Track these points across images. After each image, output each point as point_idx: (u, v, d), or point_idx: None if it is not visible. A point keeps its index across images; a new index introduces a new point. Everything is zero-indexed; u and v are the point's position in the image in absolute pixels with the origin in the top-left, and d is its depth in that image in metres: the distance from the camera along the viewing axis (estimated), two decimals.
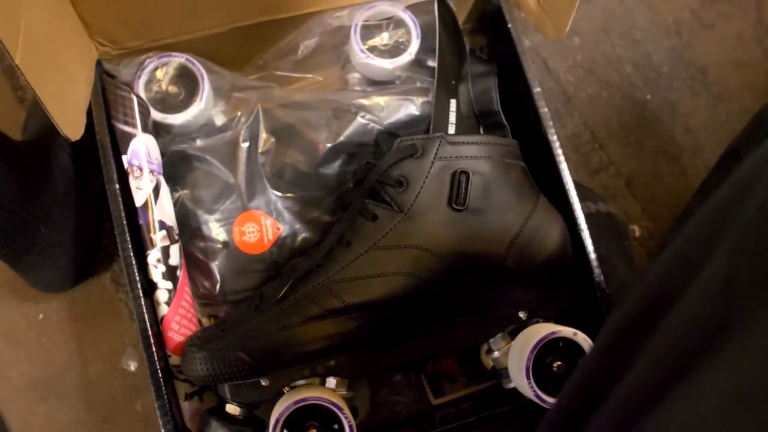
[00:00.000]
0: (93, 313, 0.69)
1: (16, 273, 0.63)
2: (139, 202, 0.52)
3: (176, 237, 0.54)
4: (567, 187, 0.55)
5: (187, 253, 0.56)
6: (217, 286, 0.56)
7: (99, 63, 0.55)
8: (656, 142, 0.80)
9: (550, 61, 0.81)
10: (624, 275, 0.66)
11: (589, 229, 0.55)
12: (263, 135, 0.56)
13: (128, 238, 0.52)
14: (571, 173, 0.56)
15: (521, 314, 0.53)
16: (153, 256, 0.52)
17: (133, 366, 0.68)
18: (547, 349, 0.49)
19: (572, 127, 0.80)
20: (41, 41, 0.43)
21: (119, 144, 0.53)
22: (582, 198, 0.55)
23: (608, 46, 0.82)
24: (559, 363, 0.49)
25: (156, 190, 0.53)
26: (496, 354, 0.53)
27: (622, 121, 0.81)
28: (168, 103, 0.55)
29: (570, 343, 0.49)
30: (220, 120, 0.58)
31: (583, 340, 0.49)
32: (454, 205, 0.50)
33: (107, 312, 0.69)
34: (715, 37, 0.84)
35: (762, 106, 0.35)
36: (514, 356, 0.51)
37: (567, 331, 0.49)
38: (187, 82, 0.56)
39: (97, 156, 0.53)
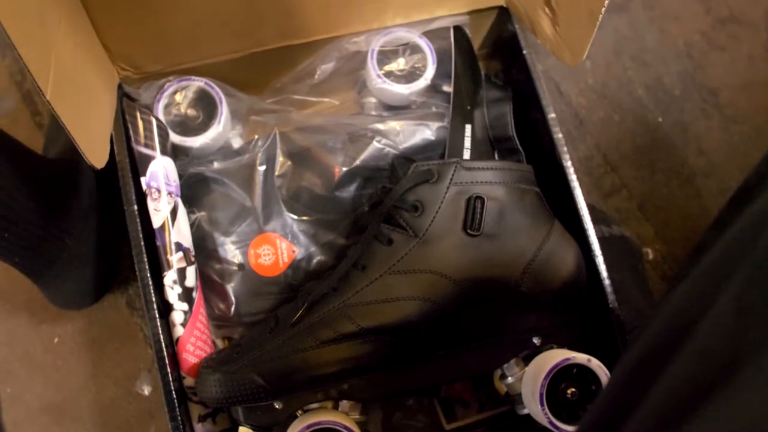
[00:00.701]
0: (108, 338, 0.69)
1: (37, 289, 0.63)
2: (156, 223, 0.52)
3: (192, 259, 0.54)
4: (581, 213, 0.55)
5: (202, 275, 0.56)
6: (232, 308, 0.56)
7: (120, 86, 0.56)
8: (669, 164, 0.80)
9: (562, 85, 0.81)
10: (637, 300, 0.66)
11: (603, 252, 0.54)
12: (280, 158, 0.56)
13: (145, 259, 0.52)
14: (583, 196, 0.55)
15: (535, 340, 0.53)
16: (169, 277, 0.53)
17: (147, 390, 0.68)
18: (561, 375, 0.49)
19: (584, 150, 0.80)
20: (69, 73, 0.43)
21: (138, 166, 0.53)
22: (595, 221, 0.55)
23: (619, 69, 0.83)
24: (573, 389, 0.49)
25: (173, 212, 0.53)
26: (509, 379, 0.53)
27: (635, 143, 0.81)
28: (187, 126, 0.56)
29: (584, 370, 0.49)
30: (237, 143, 0.58)
31: (598, 366, 0.49)
32: (468, 231, 0.50)
33: (122, 336, 0.69)
34: (726, 59, 0.84)
35: None
36: (528, 382, 0.51)
37: (581, 358, 0.49)
38: (206, 105, 0.56)
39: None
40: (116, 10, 0.51)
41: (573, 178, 0.56)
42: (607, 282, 0.54)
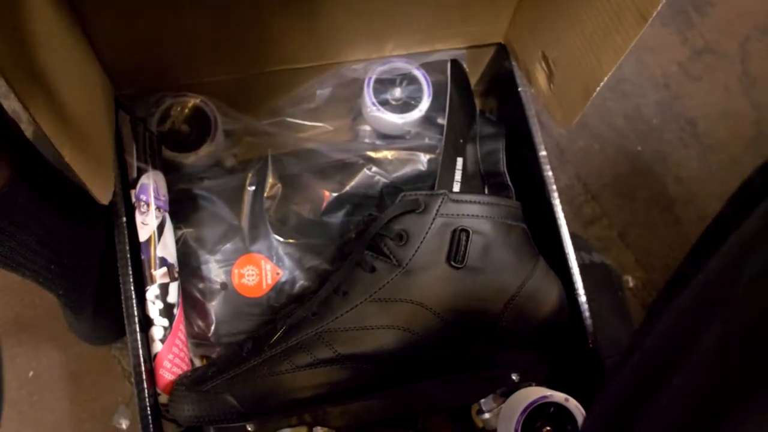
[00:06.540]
0: (86, 371, 0.64)
1: (13, 321, 0.58)
2: (143, 237, 0.49)
3: (176, 275, 0.51)
4: (567, 251, 0.51)
5: (184, 292, 0.52)
6: (212, 327, 0.52)
7: (115, 99, 0.52)
8: (648, 192, 0.78)
9: (543, 115, 0.78)
10: (616, 328, 0.63)
11: (583, 280, 0.51)
12: (270, 180, 0.53)
13: (130, 272, 0.48)
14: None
15: (514, 376, 0.50)
16: (152, 292, 0.49)
17: (125, 424, 0.63)
18: (537, 413, 0.46)
19: (565, 180, 0.77)
20: (78, 121, 0.40)
21: (129, 178, 0.49)
22: (575, 249, 0.52)
23: (599, 99, 0.80)
24: (549, 429, 0.45)
25: (161, 227, 0.49)
26: (486, 415, 0.50)
27: (615, 172, 0.78)
28: (179, 142, 0.53)
29: (561, 409, 0.46)
30: (229, 162, 0.55)
31: (575, 407, 0.46)
32: (452, 263, 0.47)
33: (100, 369, 0.64)
34: (703, 90, 0.82)
35: (748, 176, 0.32)
36: (504, 418, 0.47)
37: (558, 396, 0.46)
38: (200, 122, 0.53)
39: None
40: (114, 30, 0.47)
41: (561, 216, 0.52)
42: (589, 322, 0.50)
